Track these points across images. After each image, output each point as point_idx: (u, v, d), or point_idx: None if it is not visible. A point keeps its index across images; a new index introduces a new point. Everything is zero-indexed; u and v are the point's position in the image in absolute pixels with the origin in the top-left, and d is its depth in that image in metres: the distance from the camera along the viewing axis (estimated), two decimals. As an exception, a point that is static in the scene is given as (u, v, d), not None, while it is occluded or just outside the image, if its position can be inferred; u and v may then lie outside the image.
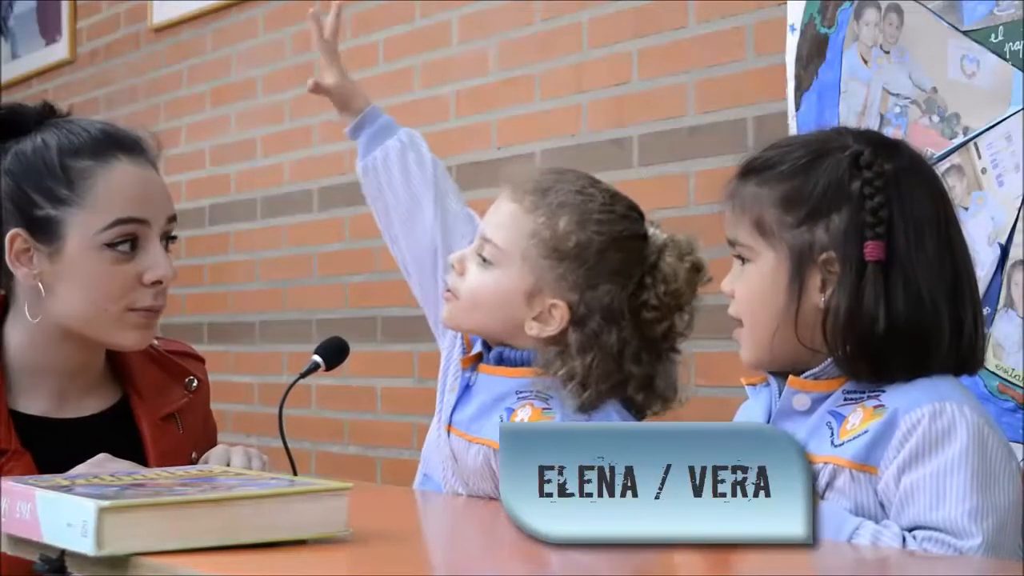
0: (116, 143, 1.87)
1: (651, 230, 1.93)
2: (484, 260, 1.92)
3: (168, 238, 1.88)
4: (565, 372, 1.85)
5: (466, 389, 1.96)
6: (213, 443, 1.98)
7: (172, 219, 1.88)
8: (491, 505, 1.90)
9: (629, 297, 1.87)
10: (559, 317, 1.87)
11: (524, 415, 1.87)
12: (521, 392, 1.89)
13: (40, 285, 1.83)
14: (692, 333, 1.93)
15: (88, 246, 1.82)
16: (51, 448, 1.83)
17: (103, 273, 1.82)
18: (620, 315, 1.86)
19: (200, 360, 2.07)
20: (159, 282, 1.84)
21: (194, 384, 1.99)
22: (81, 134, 1.86)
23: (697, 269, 1.89)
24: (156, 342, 2.01)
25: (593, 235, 1.87)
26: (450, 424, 1.95)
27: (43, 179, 1.83)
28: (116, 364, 1.96)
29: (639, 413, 1.91)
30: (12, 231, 1.83)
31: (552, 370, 1.86)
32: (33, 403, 1.88)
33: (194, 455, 1.93)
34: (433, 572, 1.35)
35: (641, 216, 1.95)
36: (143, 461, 1.87)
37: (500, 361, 1.94)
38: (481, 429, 1.90)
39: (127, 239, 1.83)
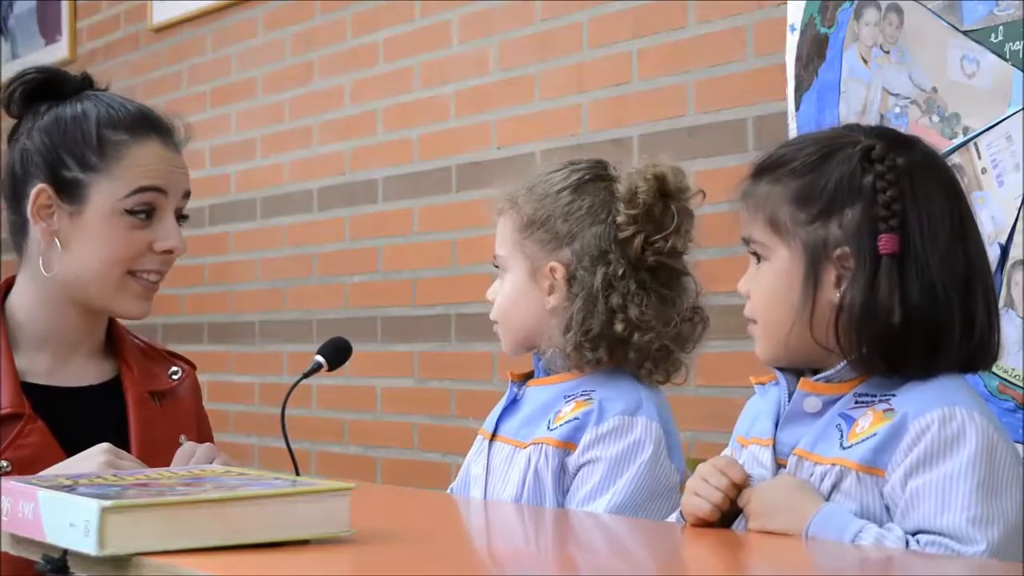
0: (151, 124, 1.97)
1: (618, 171, 1.97)
2: (500, 274, 2.01)
3: (180, 217, 1.98)
4: (563, 325, 1.90)
5: (513, 402, 1.99)
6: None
7: (187, 195, 1.99)
8: (493, 505, 1.90)
9: (612, 231, 1.91)
10: (560, 277, 1.93)
11: (567, 409, 1.91)
12: (568, 394, 1.93)
13: (57, 241, 1.92)
14: (690, 247, 1.96)
15: (109, 211, 1.92)
16: (50, 414, 1.90)
17: (119, 237, 1.92)
18: (607, 252, 1.91)
19: (191, 364, 2.12)
20: (170, 252, 1.95)
21: (177, 374, 2.06)
22: (120, 109, 1.96)
23: (658, 177, 1.91)
24: (145, 339, 2.09)
25: (552, 194, 1.94)
26: (495, 433, 1.98)
27: (77, 145, 1.93)
28: (113, 341, 2.04)
29: (649, 378, 1.93)
30: (39, 185, 1.92)
31: (560, 332, 1.90)
32: (34, 368, 1.95)
33: (183, 438, 1.97)
34: (436, 572, 1.35)
35: (605, 165, 1.99)
36: (127, 436, 1.93)
37: (546, 373, 1.98)
38: (530, 435, 1.93)
39: (146, 207, 1.93)
